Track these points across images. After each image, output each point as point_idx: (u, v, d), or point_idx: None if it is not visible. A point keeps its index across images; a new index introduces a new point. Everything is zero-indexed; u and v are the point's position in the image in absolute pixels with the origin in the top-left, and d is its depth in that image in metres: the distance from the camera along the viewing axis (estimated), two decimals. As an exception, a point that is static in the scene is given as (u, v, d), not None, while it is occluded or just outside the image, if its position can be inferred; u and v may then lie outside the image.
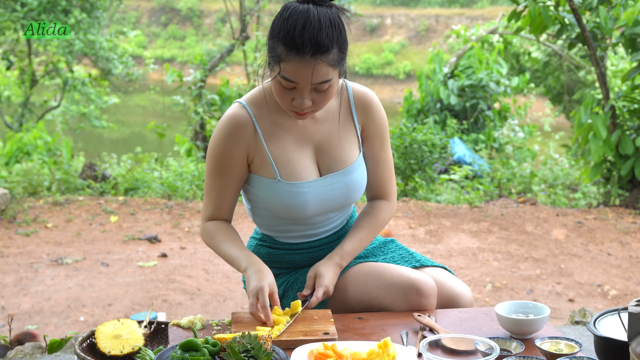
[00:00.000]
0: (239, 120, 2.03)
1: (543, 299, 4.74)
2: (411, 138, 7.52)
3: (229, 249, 2.04)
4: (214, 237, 2.07)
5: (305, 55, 1.83)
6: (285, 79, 1.88)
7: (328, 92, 1.92)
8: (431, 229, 6.35)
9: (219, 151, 2.04)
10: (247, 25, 10.70)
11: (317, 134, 2.07)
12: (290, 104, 1.93)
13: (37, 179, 7.93)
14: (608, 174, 7.41)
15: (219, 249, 2.06)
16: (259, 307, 1.88)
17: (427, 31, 29.61)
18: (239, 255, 2.01)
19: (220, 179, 2.06)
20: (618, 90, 7.81)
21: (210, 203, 2.09)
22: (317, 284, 2.00)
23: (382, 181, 2.18)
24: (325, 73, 1.87)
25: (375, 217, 2.16)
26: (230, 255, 2.03)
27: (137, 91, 19.83)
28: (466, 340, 1.72)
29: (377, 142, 2.14)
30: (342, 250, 2.08)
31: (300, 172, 2.04)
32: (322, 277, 2.00)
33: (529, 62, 14.02)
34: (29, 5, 11.49)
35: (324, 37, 1.83)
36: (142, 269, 5.34)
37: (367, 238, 2.13)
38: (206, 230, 2.10)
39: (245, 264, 1.98)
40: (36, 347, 2.29)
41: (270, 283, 1.92)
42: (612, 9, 6.62)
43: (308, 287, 2.01)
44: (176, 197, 7.72)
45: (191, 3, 32.89)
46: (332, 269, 2.03)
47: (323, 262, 2.05)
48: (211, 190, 2.08)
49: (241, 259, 2.00)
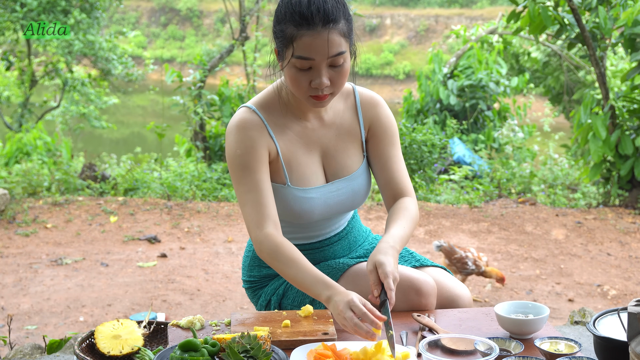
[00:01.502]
0: (252, 123, 1.99)
1: (543, 299, 4.74)
2: (411, 138, 7.52)
3: (300, 273, 1.87)
4: (277, 259, 1.90)
5: (317, 27, 1.83)
6: (300, 57, 1.86)
7: (343, 68, 1.90)
8: (431, 229, 6.35)
9: (240, 151, 1.96)
10: (247, 25, 10.70)
11: (324, 137, 2.07)
12: (308, 88, 1.90)
13: (37, 180, 7.93)
14: (608, 174, 7.41)
15: (286, 274, 1.90)
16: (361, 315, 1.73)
17: (427, 31, 29.62)
18: (315, 282, 1.84)
19: (251, 177, 1.95)
20: (617, 91, 7.81)
21: (253, 207, 1.94)
22: (384, 275, 1.82)
23: (399, 178, 2.10)
24: (338, 43, 1.86)
25: (407, 209, 2.05)
26: (303, 280, 1.87)
27: (137, 91, 19.83)
28: (465, 340, 1.71)
29: (387, 140, 2.12)
30: (389, 235, 1.94)
31: (309, 177, 2.03)
32: (384, 265, 1.83)
33: (529, 62, 14.02)
34: (29, 6, 11.49)
35: (330, 7, 1.84)
36: (142, 269, 5.34)
37: (408, 227, 2.00)
38: (264, 249, 1.92)
39: (327, 292, 1.81)
40: (35, 348, 2.28)
41: (357, 296, 1.77)
42: (611, 9, 6.62)
43: (374, 283, 1.83)
44: (176, 197, 7.72)
45: (191, 3, 32.91)
46: (389, 254, 1.86)
47: (377, 251, 1.87)
48: (246, 194, 1.94)
49: (319, 286, 1.83)
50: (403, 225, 1.99)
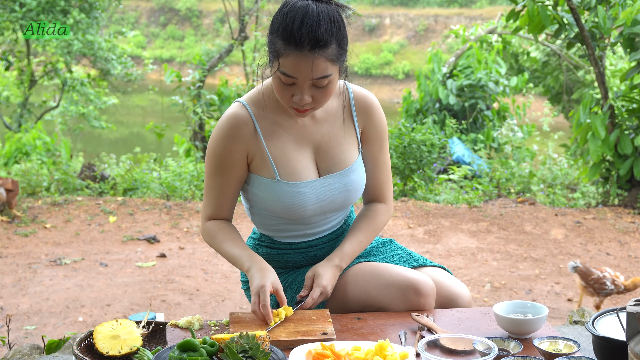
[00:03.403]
0: (239, 120, 2.03)
1: (542, 299, 4.74)
2: (410, 138, 7.52)
3: (231, 248, 2.04)
4: (215, 237, 2.07)
5: (304, 50, 1.84)
6: (284, 74, 1.88)
7: (328, 89, 1.92)
8: (430, 229, 6.35)
9: (218, 150, 2.04)
10: (246, 25, 10.70)
11: (316, 134, 2.07)
12: (290, 100, 1.93)
13: (36, 180, 7.93)
14: (607, 173, 7.41)
15: (221, 249, 2.06)
16: (260, 306, 1.89)
17: (426, 31, 29.62)
18: (241, 255, 2.01)
19: (220, 178, 2.05)
20: (617, 90, 7.81)
21: (210, 202, 2.09)
22: (315, 284, 1.99)
23: (380, 184, 2.18)
24: (324, 68, 1.87)
25: (373, 219, 2.16)
26: (232, 255, 2.03)
27: (136, 91, 19.83)
28: (464, 340, 1.71)
29: (376, 145, 2.15)
30: (341, 252, 2.08)
31: (300, 172, 2.04)
32: (320, 278, 2.00)
33: (528, 62, 14.02)
34: (28, 6, 11.49)
35: (322, 31, 1.83)
36: (141, 269, 5.33)
37: (365, 240, 2.13)
38: (207, 230, 2.10)
39: (248, 264, 1.98)
40: (34, 348, 2.28)
41: (273, 281, 1.92)
42: (610, 8, 6.62)
43: (306, 287, 2.01)
44: (175, 197, 7.72)
45: (190, 3, 32.90)
46: (330, 270, 2.03)
47: (322, 264, 2.04)
48: (211, 189, 2.08)
49: (244, 259, 2.00)
50: (360, 239, 2.12)
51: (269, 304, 1.87)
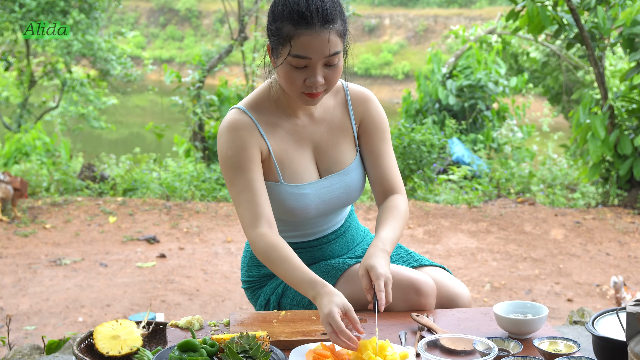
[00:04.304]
0: (242, 123, 2.00)
1: (542, 299, 4.74)
2: (410, 138, 7.52)
3: (288, 271, 1.86)
4: (267, 258, 1.91)
5: (315, 27, 1.84)
6: (297, 56, 1.86)
7: (338, 67, 1.91)
8: (430, 229, 6.35)
9: (231, 152, 1.97)
10: (246, 25, 10.70)
11: (315, 134, 2.07)
12: (301, 86, 1.90)
13: (36, 180, 7.93)
14: (606, 174, 7.41)
15: (277, 271, 1.90)
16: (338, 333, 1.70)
17: (426, 31, 29.63)
18: (300, 282, 1.84)
19: (244, 177, 1.96)
20: (616, 90, 7.82)
21: (246, 207, 1.94)
22: (374, 278, 1.81)
23: (390, 174, 2.12)
24: (335, 43, 1.87)
25: (397, 207, 2.07)
26: (290, 280, 1.86)
27: (136, 92, 19.83)
28: (464, 340, 1.71)
29: (378, 136, 2.13)
30: (378, 239, 1.94)
31: (302, 173, 2.04)
32: (375, 268, 1.82)
33: (528, 62, 14.03)
34: (27, 6, 11.49)
35: (328, 7, 1.85)
36: (141, 270, 5.33)
37: (397, 225, 2.02)
38: (256, 247, 1.92)
39: (312, 292, 1.80)
40: (34, 348, 2.28)
41: (339, 304, 1.74)
42: (610, 9, 6.63)
43: (366, 288, 1.84)
44: (175, 197, 7.72)
45: (190, 4, 32.91)
46: (380, 256, 1.87)
47: (368, 256, 1.88)
48: (239, 194, 1.95)
49: (304, 286, 1.82)
50: (393, 226, 2.00)
51: (344, 328, 1.69)
